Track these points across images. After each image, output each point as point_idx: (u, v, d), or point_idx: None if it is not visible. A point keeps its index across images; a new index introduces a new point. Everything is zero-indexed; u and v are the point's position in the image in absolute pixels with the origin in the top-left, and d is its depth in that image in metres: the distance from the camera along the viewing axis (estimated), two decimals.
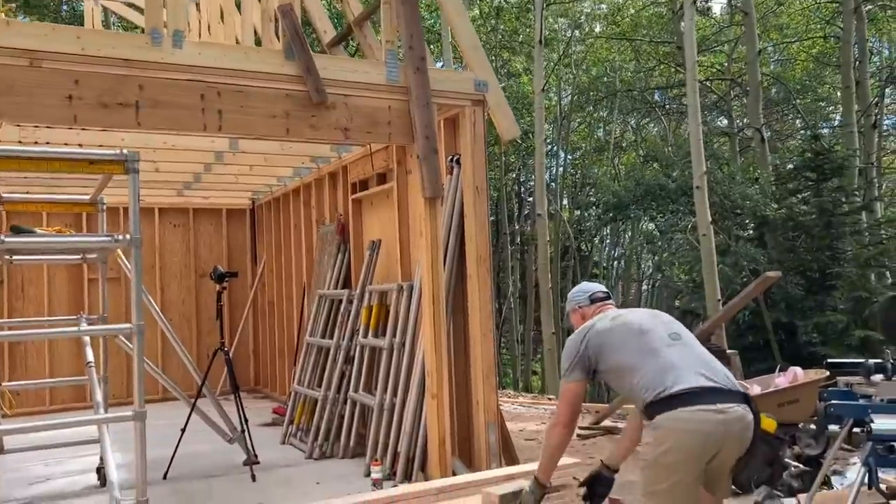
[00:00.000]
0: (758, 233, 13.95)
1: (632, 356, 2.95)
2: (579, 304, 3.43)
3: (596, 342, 3.09)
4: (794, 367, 6.59)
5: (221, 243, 10.90)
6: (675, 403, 2.74)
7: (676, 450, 2.73)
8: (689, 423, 2.71)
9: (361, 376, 6.41)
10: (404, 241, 6.37)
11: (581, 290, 3.53)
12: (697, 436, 2.70)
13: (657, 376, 2.82)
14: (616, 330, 3.08)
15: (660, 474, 2.78)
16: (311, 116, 4.69)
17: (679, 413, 2.72)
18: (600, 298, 3.42)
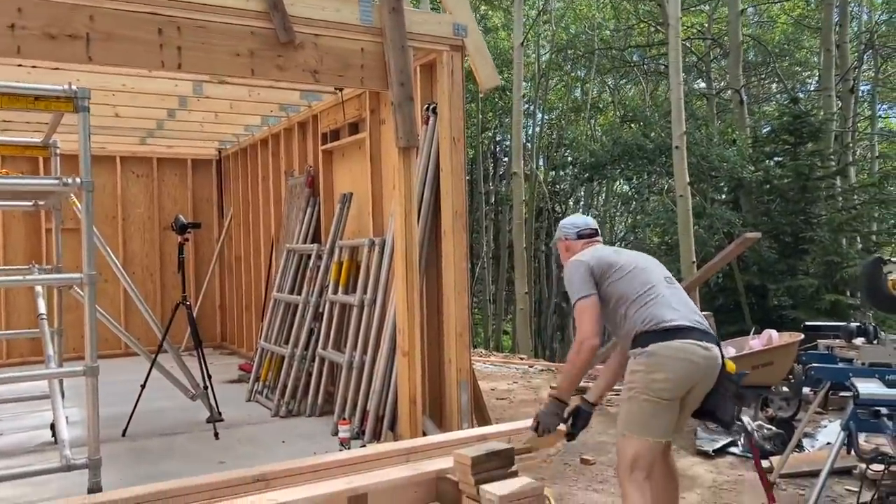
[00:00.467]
0: (733, 196, 13.91)
1: (634, 287, 3.13)
2: (566, 236, 3.54)
3: (602, 265, 3.22)
4: (769, 330, 6.52)
5: (186, 195, 10.53)
6: (671, 336, 2.98)
7: (668, 375, 2.96)
8: (681, 352, 2.96)
9: (331, 333, 6.21)
10: (377, 194, 6.12)
11: (572, 223, 3.60)
12: (686, 364, 2.96)
13: (657, 310, 3.04)
14: (621, 261, 3.23)
15: (650, 397, 2.98)
16: (277, 56, 4.38)
17: (674, 343, 2.96)
18: (588, 235, 3.53)
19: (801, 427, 4.93)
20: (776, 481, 4.81)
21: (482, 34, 5.18)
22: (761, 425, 5.66)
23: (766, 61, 20.58)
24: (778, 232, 12.34)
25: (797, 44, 21.36)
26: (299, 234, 7.07)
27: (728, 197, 14.18)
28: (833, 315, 11.42)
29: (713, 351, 3.04)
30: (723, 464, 5.29)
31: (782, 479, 4.86)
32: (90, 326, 3.64)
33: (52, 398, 4.16)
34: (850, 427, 3.49)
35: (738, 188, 13.31)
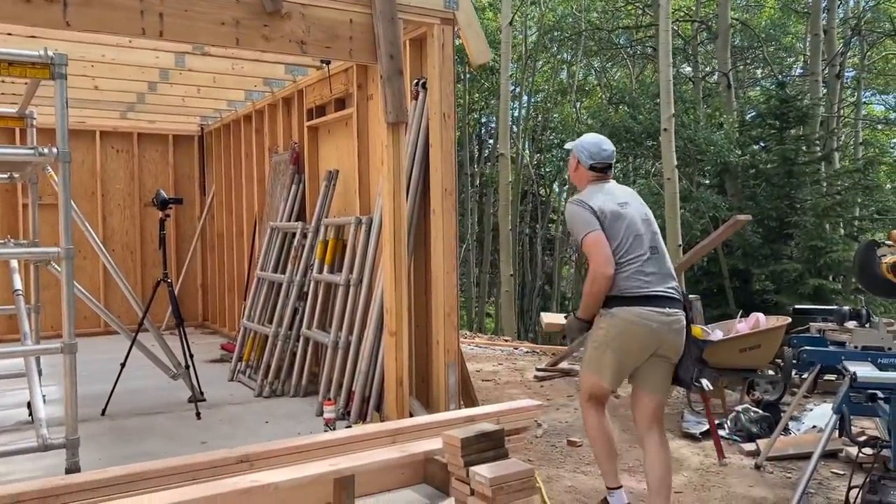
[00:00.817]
0: (718, 180, 13.90)
1: (621, 251, 3.36)
2: (580, 159, 3.64)
3: (604, 215, 3.39)
4: (756, 313, 6.50)
5: (168, 171, 10.33)
6: (634, 303, 3.30)
7: (623, 335, 3.32)
8: (639, 317, 3.28)
9: (315, 313, 6.10)
10: (364, 171, 6.00)
11: (592, 147, 3.63)
12: (640, 328, 3.29)
13: (631, 279, 3.33)
14: (621, 221, 3.40)
15: (606, 352, 3.38)
16: (263, 26, 4.23)
17: (633, 309, 3.29)
18: (600, 169, 3.62)
19: (790, 410, 4.91)
20: (763, 464, 4.81)
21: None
22: (747, 408, 5.65)
23: (751, 46, 20.57)
24: (763, 216, 12.37)
25: (783, 29, 21.36)
26: (284, 211, 6.94)
27: (714, 181, 14.17)
28: (817, 300, 11.47)
29: (676, 315, 3.36)
30: (709, 446, 5.27)
31: (769, 461, 4.86)
32: (68, 302, 3.52)
33: (29, 376, 4.03)
34: (843, 410, 3.46)
35: (724, 172, 13.30)
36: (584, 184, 3.64)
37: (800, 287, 11.51)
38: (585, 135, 3.83)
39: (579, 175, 3.68)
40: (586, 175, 3.63)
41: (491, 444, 3.39)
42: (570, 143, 3.84)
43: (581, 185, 3.68)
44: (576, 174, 3.70)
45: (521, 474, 3.25)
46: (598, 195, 3.50)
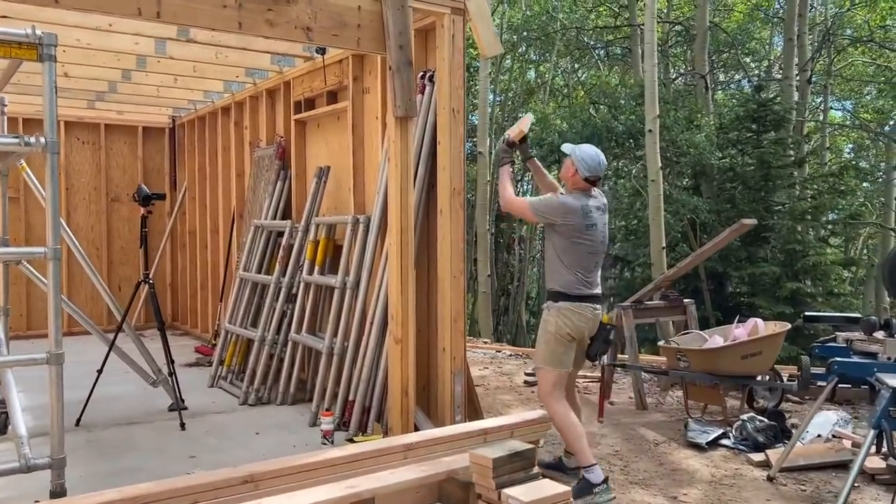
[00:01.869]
0: (694, 182, 13.91)
1: (575, 259, 4.12)
2: (578, 168, 4.14)
3: (575, 220, 4.07)
4: (754, 319, 6.39)
5: (136, 165, 9.86)
6: (576, 299, 4.11)
7: (570, 322, 4.09)
8: (580, 309, 4.11)
9: (305, 317, 5.80)
10: (359, 168, 5.71)
11: (591, 162, 4.15)
12: (580, 317, 4.12)
13: (578, 283, 4.13)
14: (591, 234, 4.13)
15: (559, 342, 4.10)
16: (268, 10, 3.93)
17: (574, 303, 4.11)
18: (592, 181, 4.19)
19: (808, 419, 4.78)
20: (776, 476, 4.68)
21: None
22: (752, 417, 5.52)
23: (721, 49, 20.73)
24: (740, 219, 12.37)
25: (748, 34, 21.60)
26: (268, 209, 6.60)
27: (689, 183, 14.17)
28: (794, 303, 11.52)
29: (598, 310, 4.23)
30: (717, 457, 5.13)
31: (781, 473, 4.73)
32: (54, 308, 3.17)
33: (7, 390, 3.66)
34: (883, 425, 3.31)
35: (700, 175, 13.30)
36: (575, 187, 4.19)
37: (777, 290, 11.54)
38: (586, 148, 4.25)
39: (574, 180, 4.18)
40: (580, 182, 4.16)
41: (524, 463, 3.17)
42: (569, 147, 4.28)
43: (570, 187, 4.23)
44: (571, 178, 4.19)
45: (558, 497, 3.03)
46: (582, 208, 4.09)
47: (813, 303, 11.41)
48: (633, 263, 13.74)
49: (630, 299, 6.94)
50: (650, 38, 9.89)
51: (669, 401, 6.75)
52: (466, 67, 14.94)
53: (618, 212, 13.90)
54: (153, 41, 6.01)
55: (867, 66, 21.00)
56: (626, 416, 6.15)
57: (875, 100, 23.19)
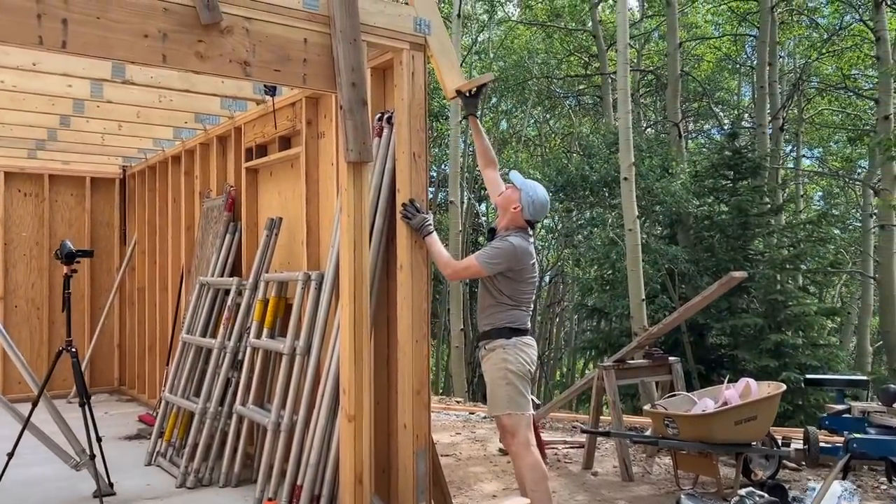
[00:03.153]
0: (670, 231, 13.58)
1: (523, 296, 3.97)
2: (524, 207, 3.98)
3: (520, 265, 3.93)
4: (746, 379, 5.88)
5: (84, 218, 9.23)
6: (524, 333, 3.96)
7: (527, 358, 3.90)
8: (531, 342, 3.98)
9: (252, 386, 5.17)
10: (312, 219, 5.18)
11: (541, 208, 4.05)
12: (534, 352, 3.99)
13: (524, 316, 3.99)
14: (531, 272, 4.00)
15: (522, 379, 3.87)
16: (197, 41, 3.43)
17: (526, 337, 3.96)
18: (533, 225, 4.10)
19: (818, 499, 4.24)
20: None
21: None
22: (752, 492, 4.96)
23: (689, 98, 20.79)
24: (720, 268, 12.01)
25: (717, 84, 21.74)
26: (215, 264, 6.02)
27: (665, 232, 13.84)
28: (777, 356, 11.09)
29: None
30: None
31: None
32: None
33: None
34: None
35: (677, 223, 12.97)
36: (513, 224, 4.01)
37: (760, 342, 11.10)
38: (538, 187, 4.05)
39: (514, 216, 4.00)
40: (520, 221, 4.00)
41: None
42: (518, 179, 4.06)
43: (508, 222, 4.03)
44: (511, 213, 3.99)
45: None
46: (524, 245, 3.93)
47: (797, 355, 10.98)
48: (610, 315, 13.26)
49: (612, 358, 6.42)
50: (623, 84, 9.60)
51: (657, 469, 6.18)
52: (438, 115, 14.60)
53: (594, 261, 13.48)
54: (88, 83, 5.48)
55: (834, 114, 21.17)
56: (611, 490, 5.57)
57: (842, 148, 23.40)
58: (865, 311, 15.13)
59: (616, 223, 12.66)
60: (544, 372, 25.37)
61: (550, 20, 20.11)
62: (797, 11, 17.51)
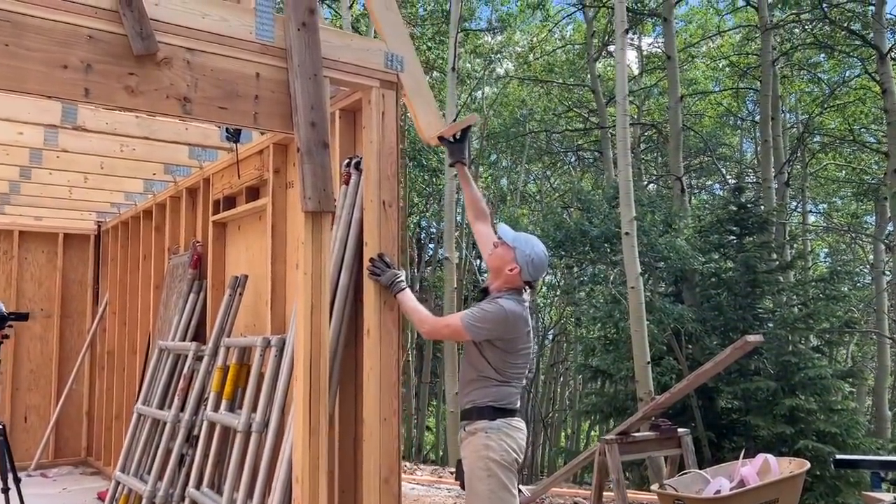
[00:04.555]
0: (674, 288, 13.03)
1: (514, 370, 3.37)
2: (522, 270, 3.38)
3: (511, 334, 3.32)
4: (764, 455, 5.26)
5: (55, 276, 8.72)
6: (512, 414, 3.34)
7: (516, 447, 3.29)
8: (520, 425, 3.36)
9: (207, 465, 4.57)
10: (278, 278, 4.67)
11: (540, 268, 3.45)
12: (523, 437, 3.37)
13: (512, 395, 3.37)
14: (528, 342, 3.40)
15: (508, 470, 3.24)
16: (128, 74, 2.99)
17: (513, 419, 3.34)
18: (530, 286, 3.52)
19: None
20: None
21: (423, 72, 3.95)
22: None
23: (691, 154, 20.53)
24: (728, 328, 11.42)
25: (718, 140, 21.51)
26: (177, 327, 5.48)
27: (670, 290, 13.29)
28: (793, 421, 10.40)
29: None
30: None
31: None
32: None
33: None
34: None
35: (682, 280, 12.43)
36: (508, 285, 3.40)
37: (774, 407, 10.43)
38: (534, 242, 3.46)
39: (511, 278, 3.39)
40: (517, 282, 3.40)
41: None
42: (510, 235, 3.46)
43: (502, 283, 3.42)
44: (508, 275, 3.39)
45: None
46: (519, 310, 3.34)
47: (814, 421, 10.29)
48: (614, 377, 12.59)
49: (615, 431, 5.81)
50: (623, 135, 9.22)
51: None
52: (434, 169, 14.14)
53: (596, 320, 12.90)
54: (41, 130, 5.08)
55: (839, 169, 20.86)
56: None
57: (847, 203, 23.01)
58: (882, 372, 14.45)
59: (618, 280, 12.13)
60: (548, 436, 24.47)
61: (548, 76, 20.01)
62: (798, 66, 17.34)
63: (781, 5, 15.19)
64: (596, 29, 18.47)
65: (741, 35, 18.96)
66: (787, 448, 10.12)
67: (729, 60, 18.38)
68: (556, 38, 21.68)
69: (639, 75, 20.03)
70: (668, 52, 13.50)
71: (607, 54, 18.82)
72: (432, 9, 19.11)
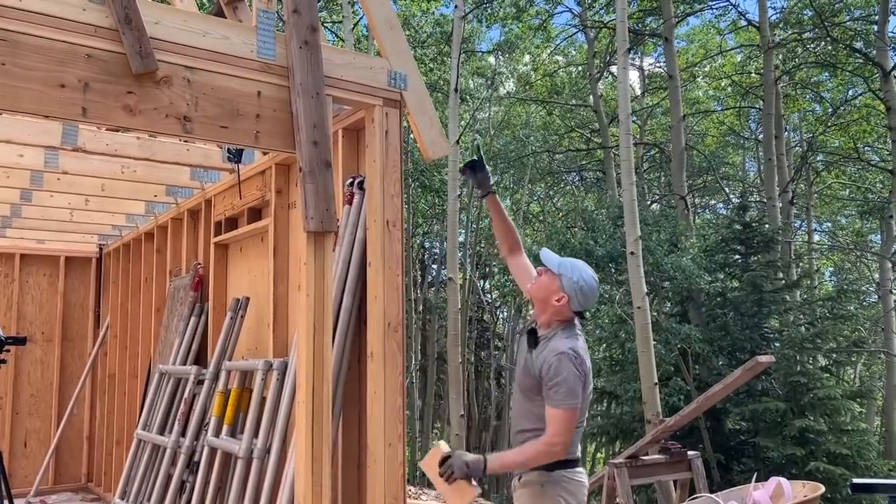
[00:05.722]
0: (680, 308, 12.92)
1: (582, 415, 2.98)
2: (571, 300, 2.99)
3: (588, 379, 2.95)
4: (777, 478, 5.14)
5: (56, 299, 8.66)
6: (574, 464, 2.98)
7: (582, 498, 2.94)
8: (581, 477, 2.98)
9: (208, 492, 4.47)
10: (280, 300, 4.59)
11: (591, 295, 3.06)
12: (584, 490, 2.98)
13: (576, 442, 2.99)
14: (589, 383, 2.98)
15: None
16: (127, 93, 2.94)
17: (575, 470, 2.97)
18: (581, 315, 3.12)
19: None
20: None
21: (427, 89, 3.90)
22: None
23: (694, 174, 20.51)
24: (735, 348, 11.29)
25: (721, 160, 21.50)
26: (178, 351, 5.40)
27: (675, 310, 13.17)
28: (803, 443, 10.25)
29: None
30: None
31: None
32: None
33: None
34: None
35: (688, 300, 12.32)
36: (557, 318, 3.02)
37: (783, 429, 10.28)
38: (584, 270, 3.06)
39: (560, 309, 3.01)
40: (567, 313, 3.02)
41: None
42: (554, 261, 3.08)
43: (550, 316, 3.04)
44: (555, 306, 3.01)
45: None
46: (582, 346, 2.97)
47: (825, 442, 10.13)
48: (621, 398, 12.44)
49: (623, 454, 5.70)
50: (627, 155, 9.17)
51: None
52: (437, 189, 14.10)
53: (601, 340, 12.78)
54: (42, 152, 5.04)
55: (843, 187, 20.81)
56: None
57: (852, 222, 22.93)
58: (891, 392, 14.27)
59: (624, 300, 12.03)
60: None
61: (550, 97, 20.05)
62: (801, 85, 17.35)
63: (783, 24, 15.22)
64: (597, 49, 18.55)
65: (743, 54, 19.02)
66: (797, 470, 9.95)
67: (731, 79, 18.42)
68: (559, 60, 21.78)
69: (641, 95, 20.07)
70: (669, 72, 13.51)
71: (609, 74, 18.88)
72: (432, 31, 19.23)
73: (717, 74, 20.04)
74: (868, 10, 15.02)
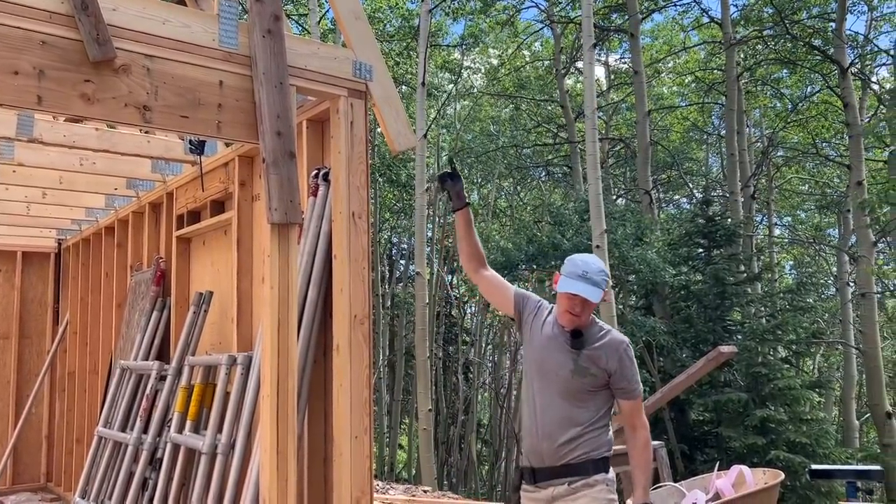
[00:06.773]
0: (645, 301, 13.08)
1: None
2: (561, 281, 3.06)
3: None
4: (738, 466, 5.24)
5: (12, 296, 8.44)
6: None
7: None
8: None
9: (171, 489, 4.40)
10: (244, 293, 4.54)
11: (569, 261, 3.14)
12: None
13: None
14: None
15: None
16: (84, 81, 2.87)
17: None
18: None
19: None
20: None
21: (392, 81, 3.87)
22: None
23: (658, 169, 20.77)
24: (698, 340, 11.47)
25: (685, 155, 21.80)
26: (139, 346, 5.30)
27: (640, 302, 13.34)
28: (763, 432, 10.45)
29: None
30: None
31: None
32: None
33: None
34: None
35: (652, 293, 12.48)
36: (586, 314, 3.06)
37: (745, 419, 10.47)
38: (577, 255, 3.18)
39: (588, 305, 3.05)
40: (593, 306, 3.09)
41: None
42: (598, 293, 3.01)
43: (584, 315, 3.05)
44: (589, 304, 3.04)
45: None
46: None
47: (784, 431, 10.35)
48: None
49: None
50: (592, 150, 9.24)
51: None
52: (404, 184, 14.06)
53: None
54: None
55: (802, 182, 21.25)
56: None
57: (811, 216, 23.43)
58: (849, 382, 14.64)
59: None
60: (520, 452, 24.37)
61: (518, 92, 20.12)
62: (762, 81, 17.66)
63: (745, 22, 15.46)
64: (564, 45, 18.65)
65: (706, 51, 19.30)
66: (758, 459, 10.15)
67: (694, 76, 18.68)
68: (526, 54, 21.85)
69: (607, 91, 20.25)
70: (635, 68, 13.65)
71: (575, 70, 18.99)
72: (400, 25, 19.16)
73: (680, 71, 20.32)
74: (826, 8, 15.35)
